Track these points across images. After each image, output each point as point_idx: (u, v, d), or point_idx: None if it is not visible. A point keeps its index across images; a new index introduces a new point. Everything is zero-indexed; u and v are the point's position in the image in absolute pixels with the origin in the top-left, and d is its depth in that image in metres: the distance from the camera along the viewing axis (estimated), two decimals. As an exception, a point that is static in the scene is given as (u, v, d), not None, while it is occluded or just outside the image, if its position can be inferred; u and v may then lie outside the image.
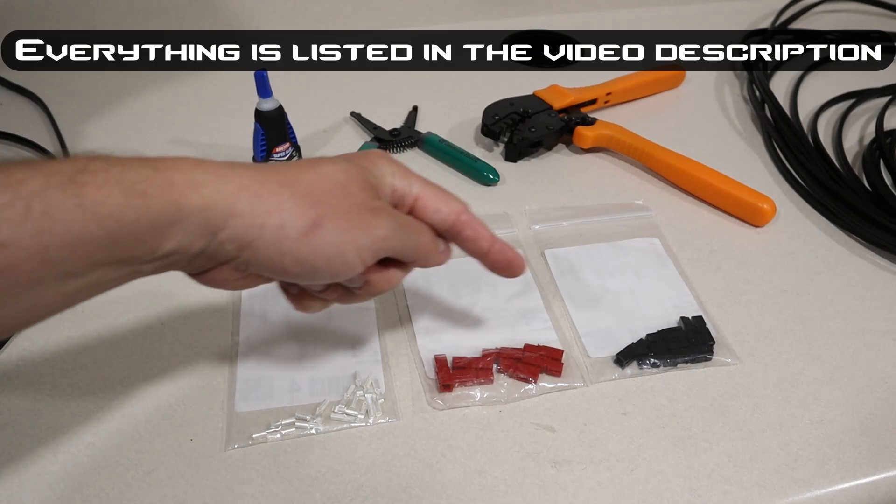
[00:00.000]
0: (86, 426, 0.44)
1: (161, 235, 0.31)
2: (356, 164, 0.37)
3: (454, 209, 0.39)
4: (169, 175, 0.31)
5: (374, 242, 0.35)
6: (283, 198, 0.33)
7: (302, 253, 0.33)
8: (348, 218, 0.34)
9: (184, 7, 0.79)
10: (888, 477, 0.43)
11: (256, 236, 0.32)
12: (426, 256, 0.39)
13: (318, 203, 0.34)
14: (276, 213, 0.33)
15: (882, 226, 0.58)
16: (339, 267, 0.35)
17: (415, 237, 0.38)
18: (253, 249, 0.33)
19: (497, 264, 0.42)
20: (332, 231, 0.34)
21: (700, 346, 0.49)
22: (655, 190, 0.64)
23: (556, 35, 0.89)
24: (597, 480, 0.42)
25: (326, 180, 0.35)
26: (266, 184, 0.33)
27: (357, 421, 0.44)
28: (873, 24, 0.92)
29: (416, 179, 0.39)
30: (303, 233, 0.33)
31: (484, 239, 0.40)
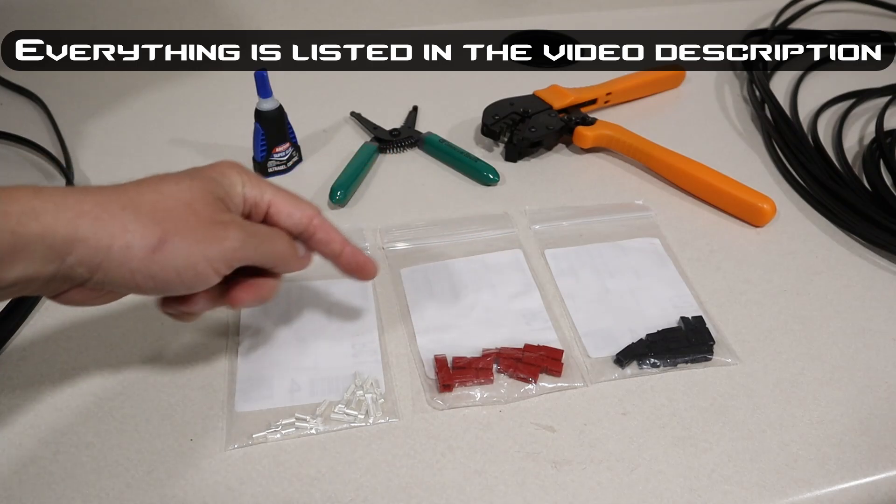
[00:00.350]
0: (85, 426, 0.44)
1: (2, 264, 0.31)
2: (202, 178, 0.37)
3: (306, 213, 0.41)
4: (4, 207, 0.31)
5: (224, 253, 0.36)
6: (126, 220, 0.33)
7: (152, 270, 0.34)
8: (195, 233, 0.35)
9: (184, 7, 0.79)
10: (888, 477, 0.43)
11: (105, 258, 0.33)
12: (285, 262, 0.41)
13: (162, 221, 0.34)
14: (120, 234, 0.33)
15: (882, 226, 0.58)
16: (191, 279, 0.36)
17: (269, 245, 0.39)
18: (104, 271, 0.33)
19: (349, 266, 0.43)
20: (180, 246, 0.34)
21: (700, 346, 0.49)
22: (655, 190, 0.64)
23: (556, 35, 0.89)
24: (597, 480, 0.42)
25: (169, 200, 0.35)
26: (108, 207, 0.33)
27: (357, 421, 0.44)
28: (873, 24, 0.92)
29: (267, 187, 0.40)
30: (150, 251, 0.34)
31: (335, 242, 0.42)
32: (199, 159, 0.66)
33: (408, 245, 0.57)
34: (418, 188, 0.64)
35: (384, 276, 0.54)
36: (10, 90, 0.75)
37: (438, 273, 0.54)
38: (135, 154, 0.67)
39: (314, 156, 0.67)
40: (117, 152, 0.67)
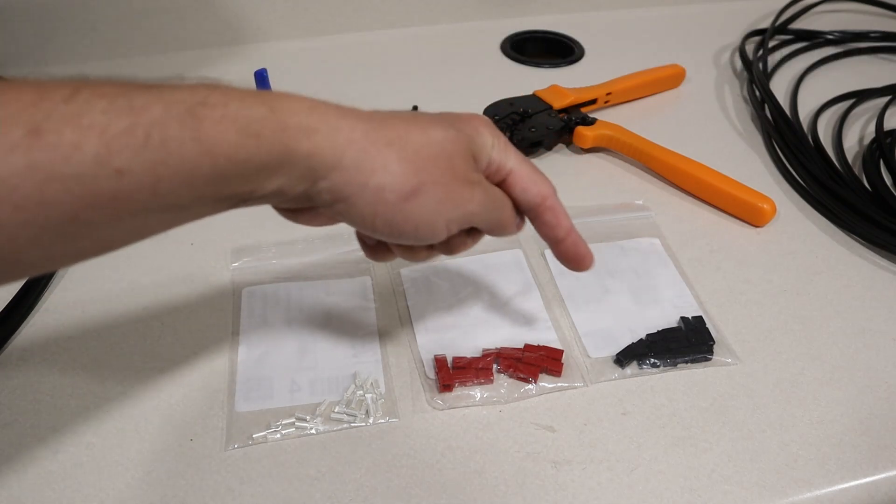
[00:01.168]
0: (86, 426, 0.44)
1: (267, 177, 0.30)
2: (462, 132, 0.36)
3: (542, 192, 0.40)
4: (284, 118, 0.30)
5: (463, 216, 0.36)
6: (389, 159, 0.33)
7: (395, 217, 0.34)
8: (447, 190, 0.34)
9: (184, 7, 0.79)
10: (888, 477, 0.43)
11: (355, 193, 0.32)
12: (504, 229, 0.40)
13: (421, 171, 0.33)
14: (379, 173, 0.32)
15: (882, 226, 0.58)
16: (425, 234, 0.35)
17: (499, 213, 0.39)
18: (349, 204, 0.33)
19: (566, 255, 0.42)
20: (429, 201, 0.34)
21: (700, 346, 0.49)
22: (655, 190, 0.64)
23: (557, 35, 0.89)
24: (597, 480, 0.42)
25: (435, 147, 0.34)
26: (375, 141, 0.33)
27: (357, 421, 0.44)
28: (873, 24, 0.92)
29: (512, 154, 0.39)
30: (401, 198, 0.33)
31: (561, 228, 0.41)
32: (199, 159, 0.66)
33: None
34: (418, 188, 0.63)
35: (384, 276, 0.54)
36: (10, 90, 0.75)
37: (438, 273, 0.54)
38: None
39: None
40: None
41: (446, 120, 0.37)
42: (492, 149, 0.38)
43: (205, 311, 0.51)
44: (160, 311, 0.51)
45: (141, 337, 0.49)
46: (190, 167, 0.28)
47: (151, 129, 0.27)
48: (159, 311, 0.51)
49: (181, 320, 0.50)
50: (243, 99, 0.30)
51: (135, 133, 0.26)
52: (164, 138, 0.27)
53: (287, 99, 0.31)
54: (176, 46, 0.82)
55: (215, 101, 0.29)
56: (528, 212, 0.40)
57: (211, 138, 0.28)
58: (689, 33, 0.90)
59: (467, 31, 0.88)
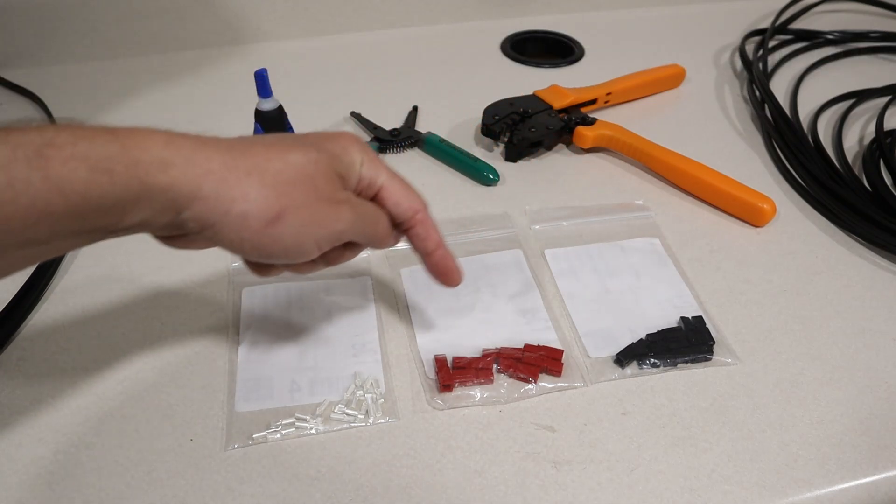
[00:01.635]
0: (86, 426, 0.44)
1: (126, 211, 0.31)
2: (326, 152, 0.37)
3: (413, 206, 0.41)
4: (136, 154, 0.31)
5: (331, 235, 0.37)
6: (249, 187, 0.34)
7: (261, 241, 0.35)
8: (311, 212, 0.35)
9: (184, 7, 0.79)
10: (888, 477, 0.43)
11: (219, 221, 0.33)
12: (379, 242, 0.42)
13: (283, 195, 0.34)
14: (240, 201, 0.33)
15: (882, 226, 0.58)
16: (295, 255, 0.36)
17: (372, 228, 0.40)
18: (214, 230, 0.34)
19: (436, 268, 0.44)
20: (294, 224, 0.35)
21: (700, 346, 0.49)
22: (655, 190, 0.64)
23: (557, 35, 0.89)
24: (597, 480, 0.42)
25: (294, 171, 0.35)
26: (234, 170, 0.33)
27: (357, 421, 0.44)
28: (873, 24, 0.92)
29: (383, 170, 0.40)
30: (265, 224, 0.34)
31: (430, 241, 0.43)
32: (199, 159, 0.66)
33: (407, 245, 0.57)
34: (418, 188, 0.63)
35: (384, 276, 0.54)
36: (10, 90, 0.75)
37: (438, 273, 0.54)
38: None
39: (314, 156, 0.67)
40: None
41: (310, 141, 0.37)
42: (360, 165, 0.39)
43: (205, 311, 0.51)
44: (160, 311, 0.51)
45: (141, 337, 0.49)
46: (41, 206, 0.28)
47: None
48: (159, 311, 0.51)
49: (181, 320, 0.50)
50: (93, 138, 0.30)
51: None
52: (11, 179, 0.28)
53: (142, 134, 0.32)
54: (176, 46, 0.82)
55: (62, 141, 0.29)
56: (401, 225, 0.42)
57: (60, 177, 0.29)
58: (689, 33, 0.90)
59: (467, 31, 0.88)
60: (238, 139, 0.36)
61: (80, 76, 0.78)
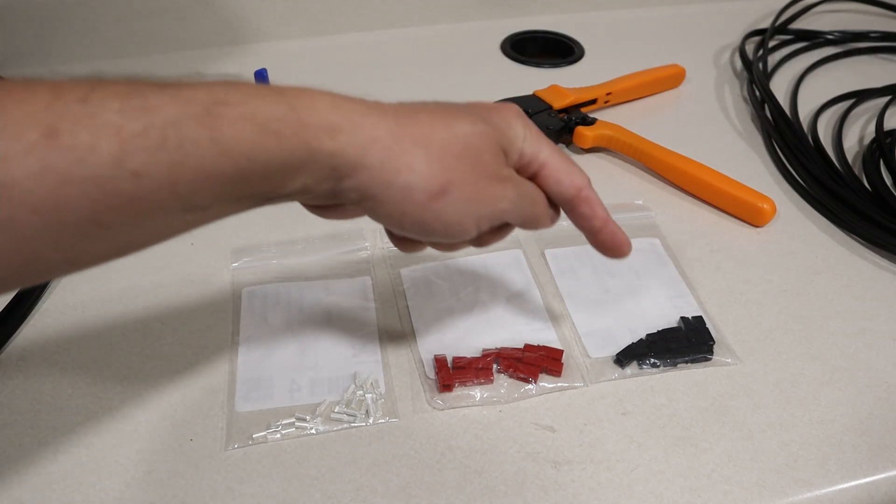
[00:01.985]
0: (86, 426, 0.44)
1: (289, 175, 0.30)
2: (491, 124, 0.35)
3: (575, 183, 0.39)
4: (304, 115, 0.29)
5: (493, 214, 0.35)
6: (415, 158, 0.32)
7: (423, 216, 0.33)
8: (475, 188, 0.34)
9: (184, 7, 0.79)
10: (888, 477, 0.43)
11: (381, 192, 0.32)
12: (538, 224, 0.39)
13: (449, 169, 0.33)
14: (405, 172, 0.32)
15: (882, 226, 0.58)
16: (455, 232, 0.35)
17: (532, 209, 0.38)
18: (375, 202, 0.32)
19: (605, 244, 0.41)
20: (458, 200, 0.33)
21: (700, 346, 0.49)
22: (655, 190, 0.64)
23: (557, 35, 0.89)
24: (597, 480, 0.42)
25: (461, 143, 0.33)
26: (400, 139, 0.32)
27: (357, 421, 0.44)
28: (873, 24, 0.92)
29: (544, 145, 0.38)
30: (428, 198, 0.32)
31: (597, 219, 0.40)
32: (199, 159, 0.66)
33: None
34: (418, 188, 0.63)
35: (384, 276, 0.54)
36: (10, 90, 0.75)
37: (438, 273, 0.54)
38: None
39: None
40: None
41: (476, 112, 0.36)
42: (523, 141, 0.37)
43: (205, 311, 0.51)
44: (160, 312, 0.51)
45: (141, 337, 0.49)
46: (209, 168, 0.27)
47: (167, 129, 0.26)
48: (159, 311, 0.51)
49: (181, 320, 0.50)
50: (263, 97, 0.29)
51: (149, 135, 0.26)
52: (181, 139, 0.26)
53: (309, 95, 0.30)
54: (176, 46, 0.82)
55: (233, 100, 0.28)
56: (563, 204, 0.39)
57: (229, 138, 0.27)
58: (689, 33, 0.90)
59: (467, 31, 0.88)
60: (402, 105, 0.34)
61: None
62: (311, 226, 0.59)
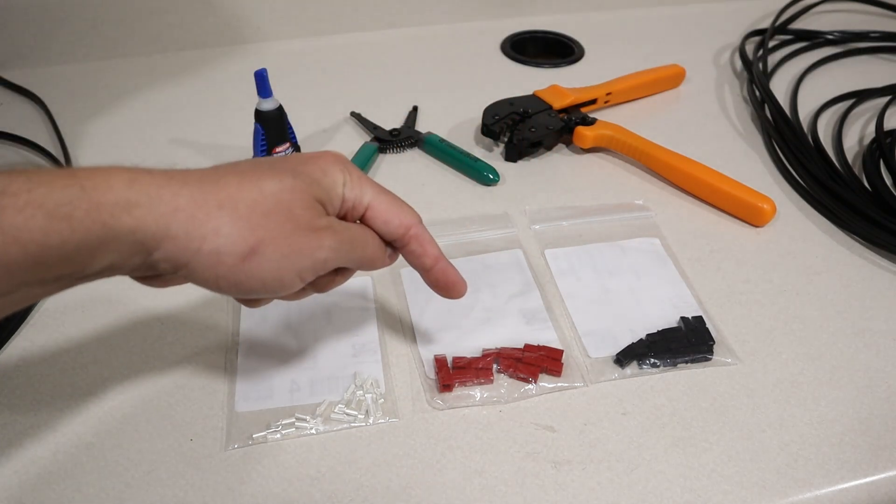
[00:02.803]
0: (86, 426, 0.44)
1: (91, 256, 0.30)
2: (304, 176, 0.35)
3: (404, 222, 0.39)
4: (97, 195, 0.29)
5: (314, 264, 0.35)
6: (220, 221, 0.32)
7: (238, 278, 0.33)
8: (289, 242, 0.34)
9: (184, 7, 0.79)
10: (888, 477, 0.43)
11: (191, 260, 0.32)
12: (372, 265, 0.40)
13: (257, 227, 0.33)
14: (212, 237, 0.32)
15: (882, 226, 0.58)
16: (276, 288, 0.35)
17: (360, 252, 0.38)
18: (188, 270, 0.32)
19: (437, 283, 0.42)
20: (271, 257, 0.33)
21: (700, 346, 0.49)
22: (655, 190, 0.64)
23: (557, 35, 0.89)
24: (597, 480, 0.42)
25: (269, 201, 0.33)
26: (203, 205, 0.32)
27: (357, 421, 0.44)
28: (873, 24, 0.92)
29: (368, 188, 0.38)
30: (239, 259, 0.33)
31: (428, 256, 0.40)
32: (199, 159, 0.66)
33: None
34: (418, 188, 0.64)
35: (384, 276, 0.54)
36: (10, 90, 0.75)
37: (438, 273, 0.54)
38: (135, 154, 0.67)
39: (314, 156, 0.67)
40: (117, 152, 0.67)
41: (288, 166, 0.36)
42: (343, 187, 0.37)
43: (205, 311, 0.51)
44: (160, 311, 0.51)
45: (141, 337, 0.49)
46: None
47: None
48: (159, 311, 0.51)
49: (181, 320, 0.50)
50: (51, 182, 0.29)
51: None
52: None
53: (104, 174, 0.30)
54: (176, 46, 0.82)
55: (17, 189, 0.28)
56: (394, 243, 0.40)
57: (15, 227, 0.27)
58: (689, 33, 0.90)
59: (467, 31, 0.88)
60: (211, 169, 0.34)
61: (80, 76, 0.78)
62: (311, 226, 0.59)
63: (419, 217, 0.40)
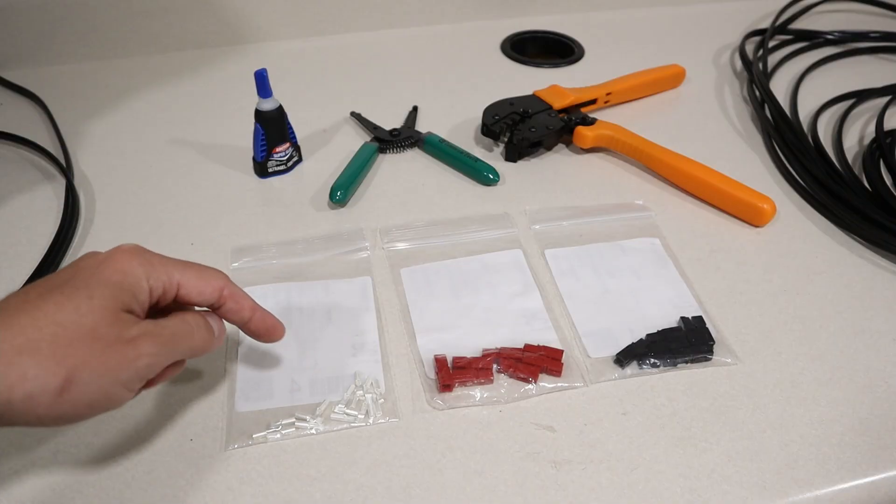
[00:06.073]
0: (86, 426, 0.44)
1: None
2: (101, 288, 0.34)
3: (216, 286, 0.39)
4: None
5: (138, 373, 0.35)
6: (24, 366, 0.31)
7: (61, 410, 0.32)
8: (103, 361, 0.33)
9: (184, 7, 0.79)
10: (888, 477, 0.43)
11: (6, 410, 0.31)
12: (203, 350, 0.39)
13: (65, 359, 0.32)
14: (19, 384, 0.31)
15: (882, 226, 0.58)
16: (106, 406, 0.34)
17: (185, 344, 0.38)
18: (8, 420, 0.31)
19: (258, 331, 0.42)
20: (88, 380, 0.32)
21: (700, 346, 0.49)
22: (655, 190, 0.64)
23: (557, 35, 0.89)
24: (597, 480, 0.42)
25: (70, 330, 0.32)
26: (3, 356, 0.31)
27: (357, 421, 0.44)
28: (873, 24, 0.92)
29: (173, 268, 0.38)
30: (55, 395, 0.32)
31: (245, 309, 0.41)
32: (199, 159, 0.66)
33: (408, 245, 0.57)
34: (418, 188, 0.64)
35: (384, 276, 0.54)
36: (10, 90, 0.75)
37: (438, 273, 0.54)
38: (135, 154, 0.67)
39: (314, 156, 0.67)
40: (117, 152, 0.67)
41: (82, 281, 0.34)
42: (147, 280, 0.36)
43: (205, 311, 0.51)
44: (160, 311, 0.51)
45: (141, 337, 0.49)
46: None
47: None
48: (159, 311, 0.51)
49: (181, 320, 0.50)
50: None
51: None
52: None
53: None
54: (176, 46, 0.82)
55: None
56: (213, 308, 0.40)
57: None
58: (689, 33, 0.90)
59: (467, 31, 0.88)
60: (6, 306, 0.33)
61: (80, 76, 0.78)
62: (311, 226, 0.59)
63: (226, 275, 0.41)
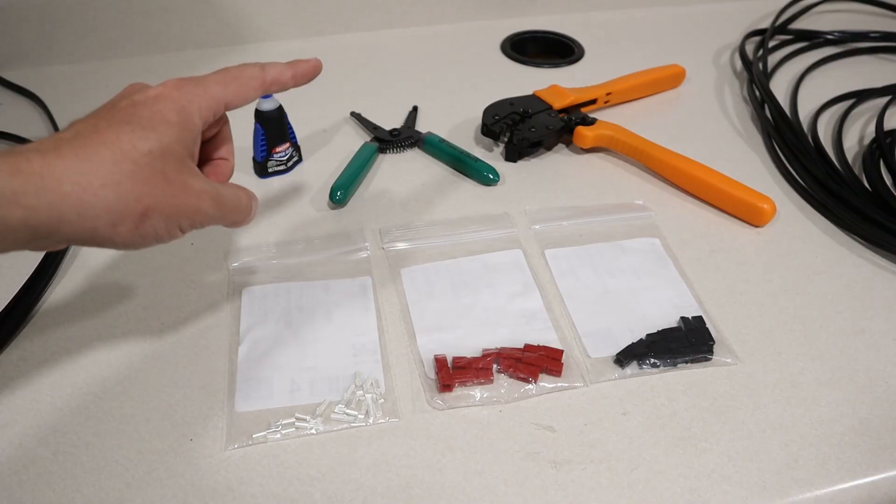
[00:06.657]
0: (86, 426, 0.44)
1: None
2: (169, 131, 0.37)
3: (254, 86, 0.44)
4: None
5: (193, 224, 0.38)
6: (108, 199, 0.33)
7: (134, 240, 0.35)
8: (174, 205, 0.36)
9: (184, 7, 0.79)
10: (888, 477, 0.43)
11: (91, 237, 0.34)
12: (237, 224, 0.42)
13: (143, 197, 0.34)
14: (105, 215, 0.33)
15: (882, 226, 0.58)
16: (161, 240, 0.37)
17: (233, 217, 0.41)
18: (91, 243, 0.35)
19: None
20: (158, 219, 0.35)
21: (700, 346, 0.49)
22: (655, 190, 0.64)
23: (557, 35, 0.89)
24: (597, 480, 0.42)
25: (146, 170, 0.35)
26: (90, 187, 0.33)
27: (357, 421, 0.44)
28: (873, 24, 0.92)
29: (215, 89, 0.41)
30: (133, 227, 0.35)
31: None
32: (199, 159, 0.66)
33: (408, 245, 0.57)
34: (418, 188, 0.64)
35: (384, 276, 0.54)
36: (10, 90, 0.75)
37: (438, 273, 0.54)
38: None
39: (314, 156, 0.67)
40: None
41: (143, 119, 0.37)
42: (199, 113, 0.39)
43: (205, 311, 0.51)
44: (160, 312, 0.51)
45: (141, 336, 0.49)
46: None
47: None
48: (159, 311, 0.51)
49: (181, 320, 0.50)
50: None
51: None
52: None
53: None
54: (176, 46, 0.82)
55: None
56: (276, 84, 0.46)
57: None
58: (689, 33, 0.90)
59: (467, 31, 0.88)
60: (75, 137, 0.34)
61: (80, 76, 0.78)
62: (311, 226, 0.59)
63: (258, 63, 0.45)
